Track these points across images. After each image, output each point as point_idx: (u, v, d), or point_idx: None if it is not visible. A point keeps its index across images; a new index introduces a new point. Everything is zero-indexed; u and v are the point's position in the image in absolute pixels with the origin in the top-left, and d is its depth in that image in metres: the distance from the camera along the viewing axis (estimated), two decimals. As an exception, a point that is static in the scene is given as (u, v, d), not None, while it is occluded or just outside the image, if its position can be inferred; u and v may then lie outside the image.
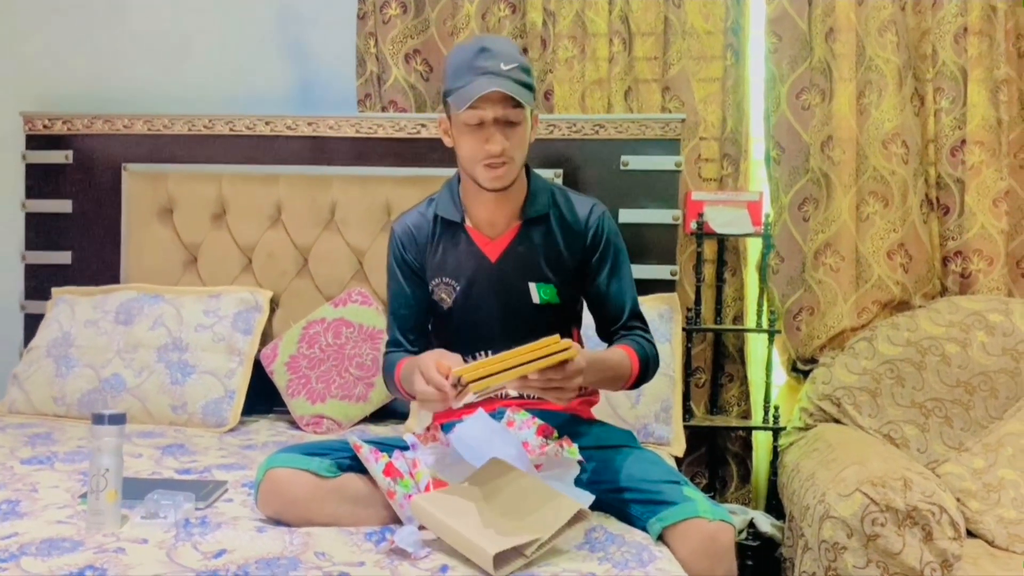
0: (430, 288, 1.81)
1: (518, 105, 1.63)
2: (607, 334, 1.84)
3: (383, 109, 2.76)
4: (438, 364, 1.52)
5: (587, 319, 1.90)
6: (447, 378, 1.48)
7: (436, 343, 1.77)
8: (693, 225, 2.61)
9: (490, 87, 1.59)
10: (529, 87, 1.66)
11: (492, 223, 1.78)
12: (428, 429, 1.73)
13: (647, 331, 1.82)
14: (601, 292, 1.80)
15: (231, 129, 2.71)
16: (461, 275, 1.78)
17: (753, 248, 2.74)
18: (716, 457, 2.76)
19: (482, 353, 1.76)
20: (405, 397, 1.78)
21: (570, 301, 1.82)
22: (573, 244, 1.78)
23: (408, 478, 1.57)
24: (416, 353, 1.78)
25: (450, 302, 1.78)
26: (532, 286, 1.78)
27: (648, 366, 1.76)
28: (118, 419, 1.53)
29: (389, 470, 1.57)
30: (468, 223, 1.79)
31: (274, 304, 2.66)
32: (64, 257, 2.79)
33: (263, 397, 2.56)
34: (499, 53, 1.63)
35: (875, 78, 2.58)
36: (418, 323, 1.83)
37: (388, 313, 1.87)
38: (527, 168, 1.79)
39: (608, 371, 1.67)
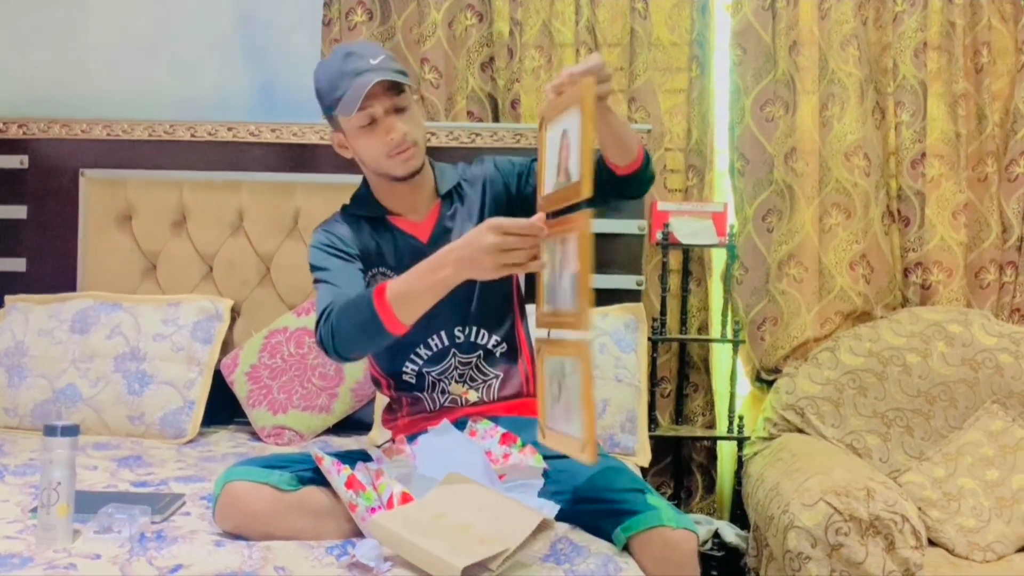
0: (366, 282, 1.77)
1: (401, 91, 1.68)
2: None
3: (348, 116, 2.74)
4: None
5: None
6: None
7: None
8: (659, 235, 2.62)
9: (371, 81, 1.63)
10: (403, 72, 1.70)
11: (414, 209, 1.81)
12: (392, 442, 1.71)
13: None
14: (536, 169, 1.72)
15: (193, 135, 2.67)
16: (398, 263, 1.76)
17: (718, 259, 2.76)
18: (681, 467, 2.76)
19: (438, 335, 1.75)
20: (391, 329, 1.56)
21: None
22: (491, 193, 1.82)
23: (371, 490, 1.54)
24: None
25: None
26: None
27: (649, 161, 1.68)
28: (71, 430, 1.49)
29: (351, 482, 1.54)
30: (389, 216, 1.81)
31: (235, 313, 2.61)
32: (18, 264, 2.72)
33: (223, 408, 2.51)
34: (364, 52, 1.69)
35: (837, 91, 2.61)
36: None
37: (329, 295, 1.66)
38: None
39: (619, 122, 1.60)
